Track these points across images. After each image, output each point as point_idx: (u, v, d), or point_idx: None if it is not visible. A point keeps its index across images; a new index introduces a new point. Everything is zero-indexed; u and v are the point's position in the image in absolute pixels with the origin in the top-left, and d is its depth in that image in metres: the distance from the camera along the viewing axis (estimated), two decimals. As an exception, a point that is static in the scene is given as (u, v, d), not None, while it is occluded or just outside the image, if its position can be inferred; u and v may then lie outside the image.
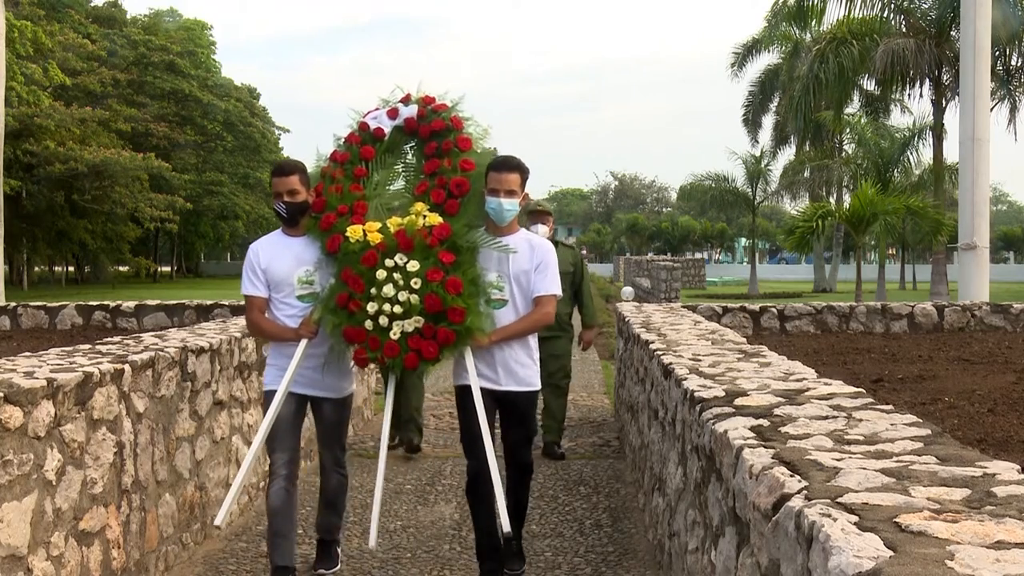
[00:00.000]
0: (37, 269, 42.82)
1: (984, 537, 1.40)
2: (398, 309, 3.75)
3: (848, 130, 28.15)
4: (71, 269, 46.44)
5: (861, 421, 2.36)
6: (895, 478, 1.77)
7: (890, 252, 46.22)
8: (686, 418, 3.13)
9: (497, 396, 4.05)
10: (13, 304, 7.98)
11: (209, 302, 7.87)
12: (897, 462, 1.91)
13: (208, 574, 4.34)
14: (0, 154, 12.73)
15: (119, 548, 3.81)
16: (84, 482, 3.53)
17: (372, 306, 3.77)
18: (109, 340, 4.88)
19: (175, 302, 7.95)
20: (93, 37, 36.00)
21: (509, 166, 3.96)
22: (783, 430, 2.27)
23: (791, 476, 1.82)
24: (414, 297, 3.74)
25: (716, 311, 7.60)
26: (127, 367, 3.91)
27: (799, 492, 1.72)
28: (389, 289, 3.74)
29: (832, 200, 33.40)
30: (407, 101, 4.22)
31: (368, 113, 4.25)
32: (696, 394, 2.90)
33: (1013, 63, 21.47)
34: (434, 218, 3.86)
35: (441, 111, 4.15)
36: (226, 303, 7.84)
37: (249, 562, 4.46)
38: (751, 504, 1.96)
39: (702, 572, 2.75)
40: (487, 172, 3.95)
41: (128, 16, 43.75)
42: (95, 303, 7.81)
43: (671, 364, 3.68)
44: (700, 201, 38.27)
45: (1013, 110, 22.49)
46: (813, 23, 24.30)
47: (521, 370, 4.07)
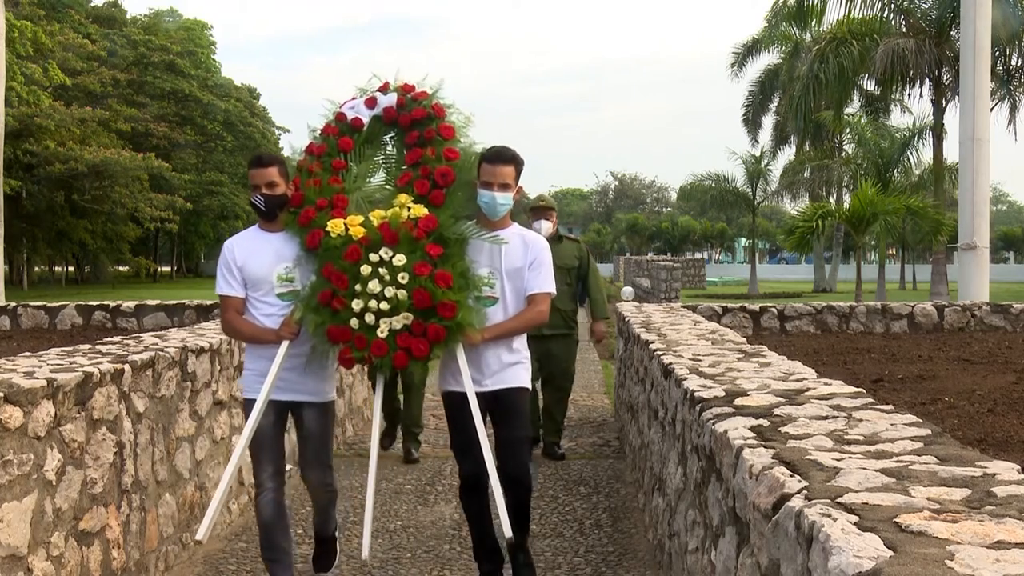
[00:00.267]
0: (37, 269, 42.82)
1: (984, 537, 1.40)
2: (385, 305, 3.56)
3: (848, 130, 28.15)
4: (71, 269, 46.45)
5: (861, 421, 2.36)
6: (895, 478, 1.77)
7: (890, 252, 46.23)
8: (686, 418, 3.13)
9: (483, 397, 3.77)
10: (13, 304, 7.98)
11: (209, 302, 7.86)
12: (897, 462, 1.91)
13: (208, 574, 4.34)
14: (0, 154, 12.72)
15: (119, 548, 3.81)
16: (84, 482, 3.53)
17: (357, 303, 3.57)
18: (109, 340, 4.88)
19: (175, 302, 7.95)
20: (93, 37, 36.00)
21: (503, 158, 3.76)
22: (783, 430, 2.27)
23: (791, 476, 1.82)
24: (402, 292, 3.55)
25: (716, 311, 7.60)
26: (127, 367, 3.91)
27: (799, 492, 1.72)
28: (375, 285, 3.56)
29: (832, 200, 33.42)
30: (385, 90, 4.04)
31: (345, 103, 4.06)
32: (696, 394, 2.90)
33: (1013, 63, 21.47)
34: (419, 210, 3.69)
35: (421, 99, 3.97)
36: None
37: (249, 562, 4.46)
38: (751, 504, 1.96)
39: (702, 572, 2.75)
40: (479, 164, 3.78)
41: (128, 16, 43.77)
42: (95, 303, 7.81)
43: (671, 364, 3.68)
44: (700, 201, 38.28)
45: (1013, 110, 22.51)
46: (813, 23, 24.30)
47: (507, 368, 3.84)
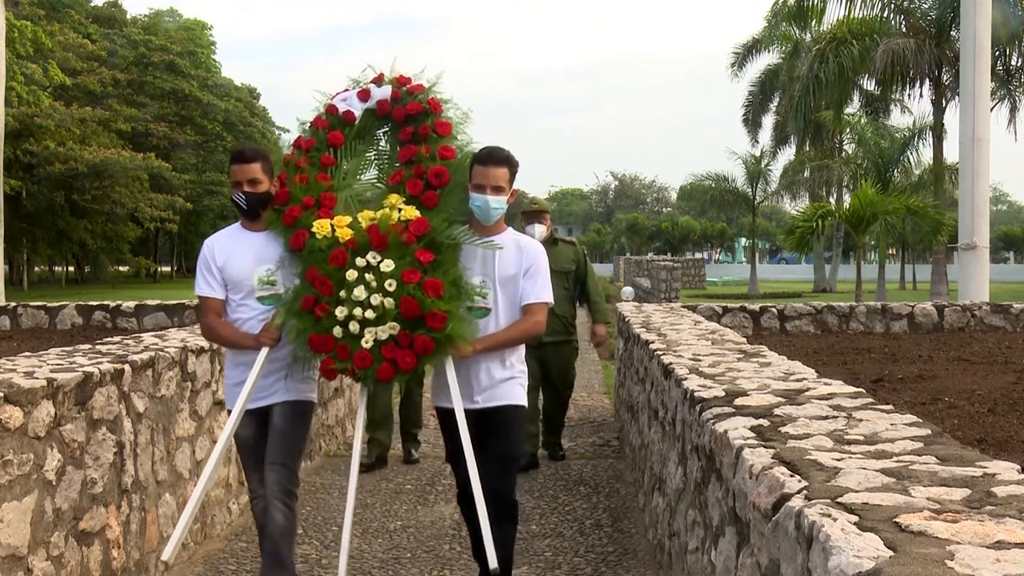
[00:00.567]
0: (37, 269, 42.82)
1: (984, 537, 1.40)
2: (370, 314, 3.33)
3: (848, 130, 28.17)
4: (71, 269, 46.45)
5: (861, 421, 2.36)
6: (895, 478, 1.77)
7: (890, 252, 46.21)
8: (686, 418, 3.13)
9: (474, 414, 3.53)
10: (13, 304, 7.98)
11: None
12: (897, 462, 1.91)
13: (208, 574, 4.34)
14: (0, 154, 12.72)
15: (119, 548, 3.81)
16: (84, 482, 3.53)
17: (341, 311, 3.34)
18: (109, 340, 4.88)
19: (175, 302, 7.96)
20: (93, 37, 36.00)
21: (496, 159, 3.52)
22: (783, 430, 2.27)
23: (791, 476, 1.82)
24: (388, 301, 3.32)
25: (716, 311, 7.60)
26: (127, 367, 3.91)
27: (799, 492, 1.72)
28: (360, 292, 3.34)
29: (832, 200, 33.42)
30: (380, 81, 3.79)
31: (336, 95, 3.82)
32: (696, 394, 2.90)
33: (1013, 63, 21.50)
34: (410, 211, 3.46)
35: (417, 92, 3.73)
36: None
37: (249, 562, 4.46)
38: (751, 504, 1.96)
39: (702, 572, 2.75)
40: (471, 165, 3.55)
41: (128, 16, 43.76)
42: (95, 303, 7.81)
43: (671, 364, 3.68)
44: (700, 201, 38.27)
45: (1013, 110, 22.54)
46: (813, 23, 24.33)
47: (500, 384, 3.58)
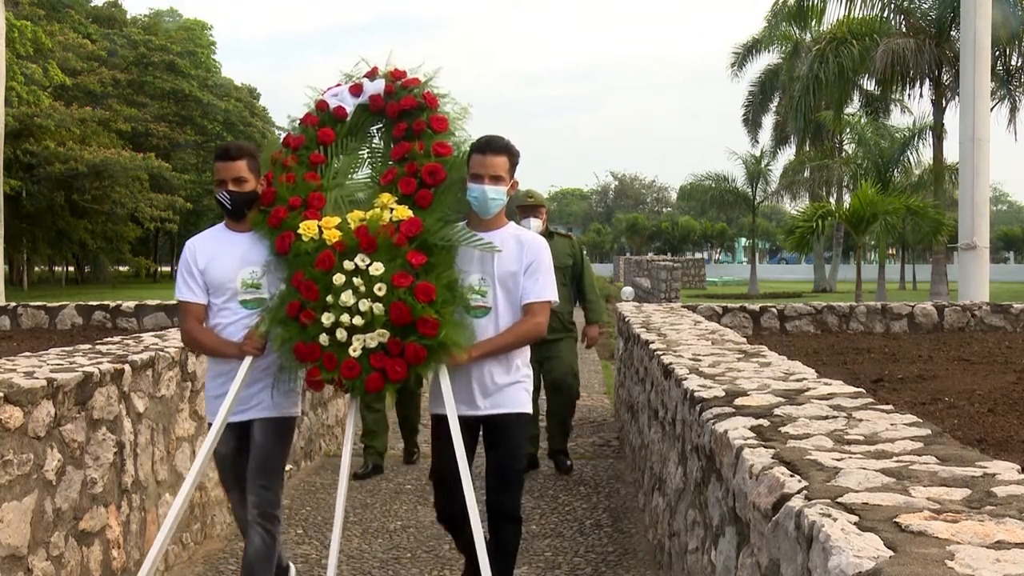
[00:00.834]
0: (37, 269, 42.81)
1: (984, 537, 1.40)
2: (359, 320, 3.15)
3: (848, 130, 28.18)
4: (71, 269, 46.46)
5: (861, 421, 2.37)
6: (895, 478, 1.77)
7: (890, 252, 46.23)
8: (686, 418, 3.13)
9: (476, 422, 3.41)
10: (13, 304, 7.98)
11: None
12: (897, 462, 1.91)
13: (208, 574, 4.34)
14: (0, 154, 12.73)
15: (119, 548, 3.81)
16: (84, 482, 3.53)
17: (328, 317, 3.16)
18: (109, 340, 4.88)
19: (175, 302, 7.94)
20: (93, 37, 36.00)
21: (495, 147, 3.35)
22: (783, 430, 2.27)
23: (791, 476, 1.82)
24: (378, 306, 3.14)
25: (716, 311, 7.60)
26: (127, 367, 3.92)
27: (799, 492, 1.72)
28: (348, 297, 3.16)
29: (832, 200, 33.43)
30: (373, 75, 3.61)
31: (328, 90, 3.64)
32: (696, 394, 2.90)
33: (1013, 63, 21.50)
34: (402, 211, 3.28)
35: (412, 86, 3.55)
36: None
37: (249, 562, 4.45)
38: (751, 504, 1.96)
39: (702, 572, 2.75)
40: (469, 155, 3.37)
41: (128, 16, 43.76)
42: (95, 303, 7.81)
43: (671, 364, 3.68)
44: (700, 201, 38.26)
45: (1013, 110, 22.54)
46: (813, 23, 24.34)
47: (504, 389, 3.40)
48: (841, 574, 1.35)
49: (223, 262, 3.45)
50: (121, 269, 42.48)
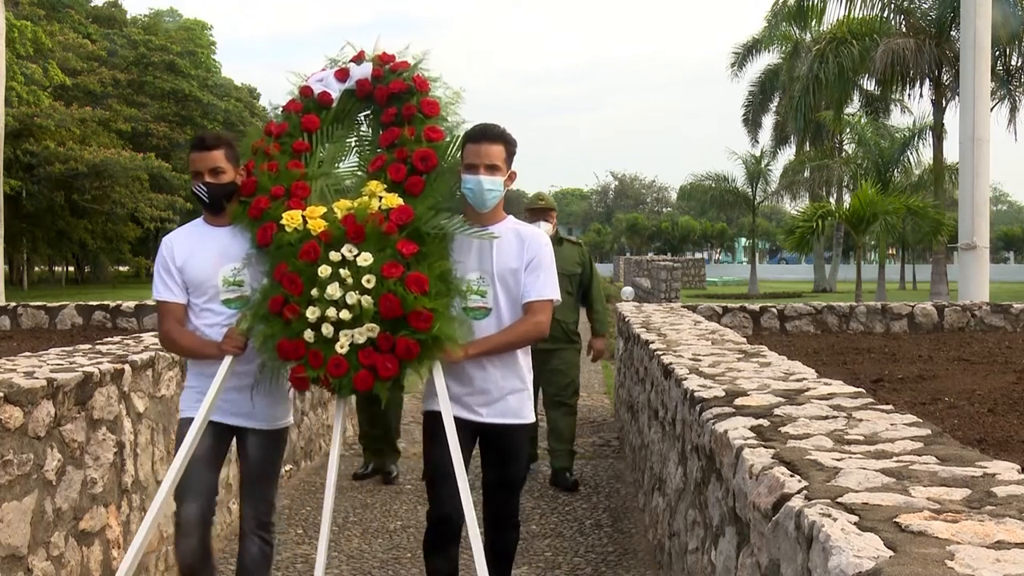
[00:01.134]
0: (37, 269, 42.82)
1: (984, 537, 1.40)
2: (346, 315, 2.94)
3: (848, 130, 28.20)
4: (71, 269, 46.46)
5: (861, 421, 2.37)
6: (895, 478, 1.77)
7: (890, 252, 46.24)
8: (686, 418, 3.13)
9: (475, 430, 3.21)
10: (13, 304, 7.97)
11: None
12: (897, 462, 1.91)
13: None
14: (0, 154, 12.73)
15: (119, 548, 3.81)
16: (84, 482, 3.53)
17: (313, 311, 2.96)
18: (109, 340, 4.88)
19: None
20: (93, 37, 36.02)
21: (490, 135, 3.15)
22: (783, 430, 2.27)
23: (791, 476, 1.82)
24: (366, 299, 2.94)
25: (716, 311, 7.60)
26: (127, 367, 3.91)
27: (799, 492, 1.72)
28: (334, 289, 2.95)
29: (832, 200, 33.43)
30: (360, 59, 3.43)
31: (313, 75, 3.45)
32: (696, 394, 2.90)
33: (1013, 63, 21.51)
34: (392, 199, 3.08)
35: (401, 70, 3.37)
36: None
37: (249, 562, 4.45)
38: (751, 504, 1.96)
39: (702, 572, 2.75)
40: (463, 144, 3.18)
41: (128, 16, 43.76)
42: (95, 303, 7.81)
43: (671, 364, 3.68)
44: (700, 201, 38.28)
45: (1013, 110, 22.55)
46: (813, 23, 24.33)
47: (508, 397, 3.20)
48: (841, 574, 1.34)
49: (202, 259, 3.24)
50: (121, 269, 42.49)
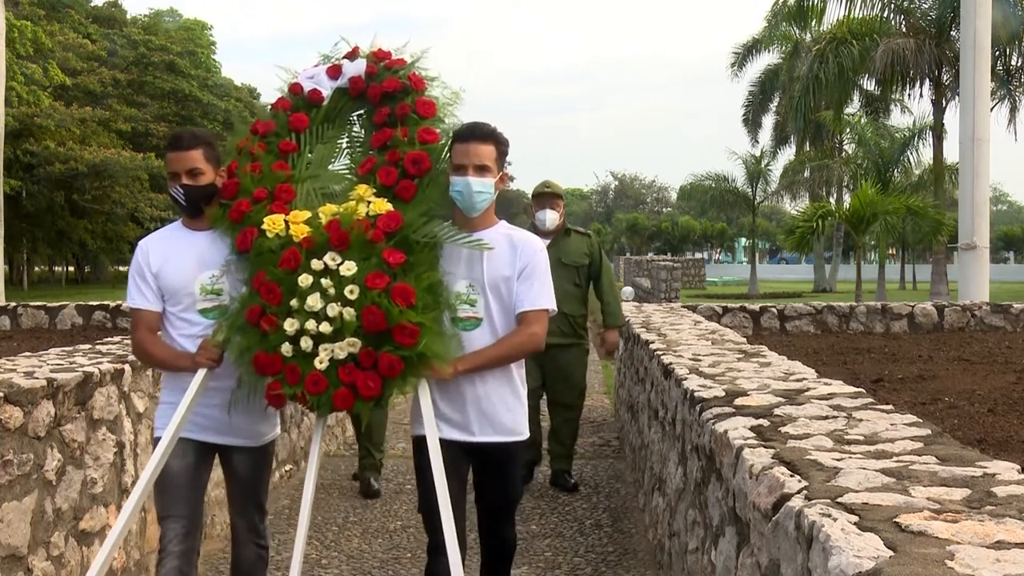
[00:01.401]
0: (37, 269, 42.83)
1: (984, 537, 1.40)
2: (326, 328, 2.73)
3: (848, 130, 28.21)
4: (71, 269, 46.48)
5: (861, 421, 2.37)
6: (895, 478, 1.77)
7: (890, 252, 46.24)
8: (686, 418, 3.13)
9: (469, 450, 3.01)
10: (13, 304, 7.98)
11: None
12: (897, 462, 1.91)
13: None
14: (0, 154, 12.73)
15: (119, 548, 3.81)
16: (84, 482, 3.53)
17: (291, 324, 2.75)
18: (109, 340, 4.89)
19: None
20: (93, 37, 36.01)
21: (479, 134, 2.95)
22: (783, 430, 2.27)
23: (791, 476, 1.82)
24: (348, 311, 2.73)
25: (716, 311, 7.61)
26: (127, 367, 3.92)
27: (799, 492, 1.72)
28: (315, 300, 2.74)
29: (832, 200, 33.43)
30: (354, 56, 3.25)
31: (303, 71, 3.28)
32: (696, 394, 2.90)
33: (1013, 63, 21.52)
34: (381, 204, 2.87)
35: (397, 67, 3.18)
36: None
37: (249, 562, 4.46)
38: (751, 504, 1.96)
39: (702, 572, 2.75)
40: (451, 143, 2.99)
41: (128, 16, 43.76)
42: (95, 303, 7.81)
43: (671, 364, 3.68)
44: (700, 201, 38.25)
45: (1013, 110, 22.56)
46: (813, 23, 24.35)
47: (503, 414, 2.99)
48: (841, 574, 1.34)
49: (178, 265, 3.04)
50: (121, 269, 42.46)
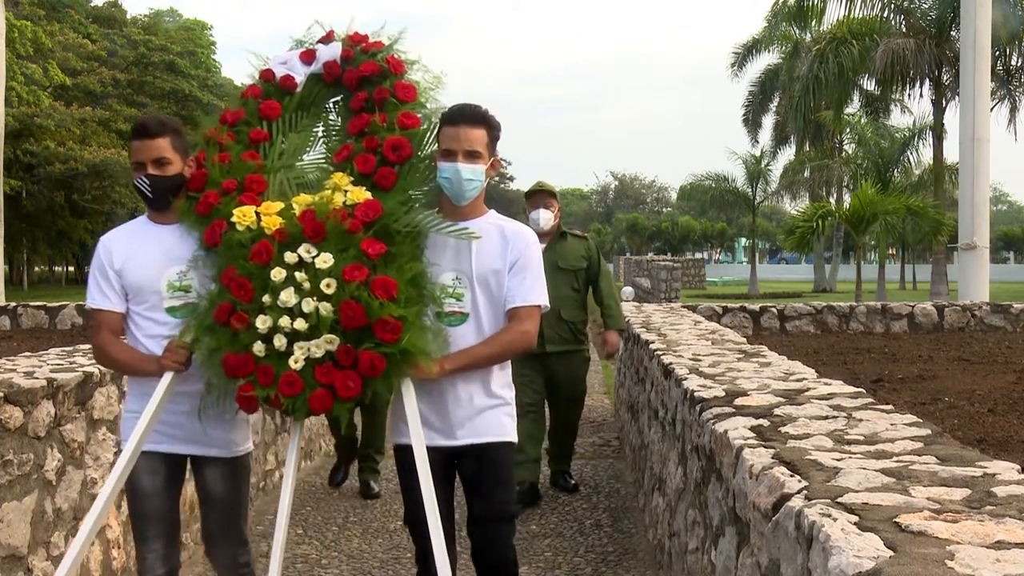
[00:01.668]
0: (37, 269, 42.83)
1: (984, 537, 1.40)
2: (301, 324, 2.54)
3: (848, 130, 28.23)
4: (71, 269, 46.48)
5: (861, 421, 2.37)
6: (895, 478, 1.77)
7: (890, 252, 46.24)
8: (686, 418, 3.13)
9: (451, 455, 2.83)
10: (13, 304, 7.98)
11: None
12: (897, 462, 1.91)
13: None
14: (0, 154, 12.74)
15: (119, 548, 3.81)
16: (84, 482, 3.53)
17: (264, 321, 2.56)
18: (109, 340, 4.87)
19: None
20: (93, 37, 36.03)
21: (470, 117, 2.75)
22: (783, 430, 2.27)
23: (791, 476, 1.82)
24: (325, 306, 2.54)
25: (716, 311, 7.61)
26: (127, 367, 3.91)
27: (799, 492, 1.72)
28: (289, 295, 2.55)
29: (832, 200, 33.44)
30: (329, 40, 3.08)
31: (275, 57, 3.10)
32: (696, 394, 2.90)
33: (1013, 63, 21.54)
34: (359, 193, 2.69)
35: (374, 50, 3.01)
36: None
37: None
38: (751, 504, 1.96)
39: (702, 572, 2.75)
40: (440, 127, 2.79)
41: (128, 16, 43.77)
42: (95, 303, 7.80)
43: (671, 364, 3.68)
44: (700, 201, 38.26)
45: (1013, 110, 22.58)
46: (813, 23, 24.35)
47: (485, 413, 2.81)
48: (841, 574, 1.34)
49: (143, 261, 2.85)
50: (121, 269, 42.52)
